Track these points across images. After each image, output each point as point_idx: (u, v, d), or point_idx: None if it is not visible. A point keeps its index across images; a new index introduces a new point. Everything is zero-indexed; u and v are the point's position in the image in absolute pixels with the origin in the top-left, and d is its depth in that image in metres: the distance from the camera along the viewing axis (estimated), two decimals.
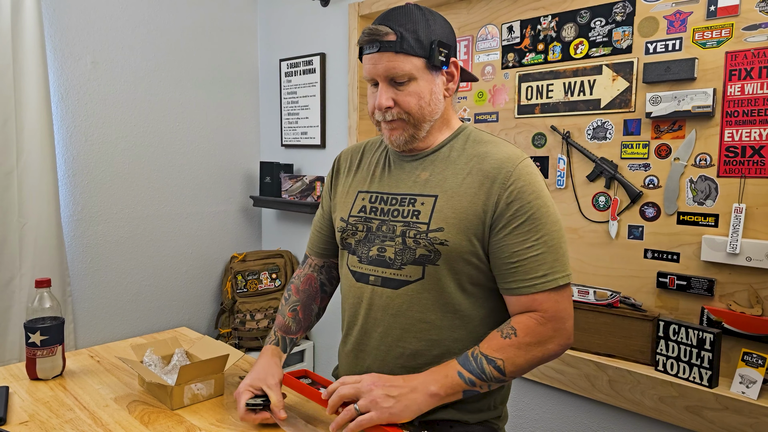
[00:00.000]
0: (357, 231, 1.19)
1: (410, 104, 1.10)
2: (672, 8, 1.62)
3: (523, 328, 1.06)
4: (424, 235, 1.09)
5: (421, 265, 1.10)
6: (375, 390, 1.00)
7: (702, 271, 1.60)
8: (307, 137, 2.74)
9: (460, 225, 1.08)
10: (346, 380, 1.03)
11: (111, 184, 2.49)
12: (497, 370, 1.04)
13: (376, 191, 1.21)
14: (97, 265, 2.48)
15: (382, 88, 1.10)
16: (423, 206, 1.12)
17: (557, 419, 1.91)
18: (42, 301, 1.30)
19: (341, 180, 1.31)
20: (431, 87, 1.11)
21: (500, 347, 1.05)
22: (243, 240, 3.02)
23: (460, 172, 1.12)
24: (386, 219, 1.15)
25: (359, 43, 1.12)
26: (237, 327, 2.67)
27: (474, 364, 1.04)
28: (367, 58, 1.10)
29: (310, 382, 1.16)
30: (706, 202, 1.59)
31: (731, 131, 1.53)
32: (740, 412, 1.46)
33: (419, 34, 1.08)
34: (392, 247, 1.13)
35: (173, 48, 2.65)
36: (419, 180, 1.15)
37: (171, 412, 1.17)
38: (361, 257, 1.17)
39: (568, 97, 1.84)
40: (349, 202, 1.24)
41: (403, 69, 1.07)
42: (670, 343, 1.59)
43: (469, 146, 1.15)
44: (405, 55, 1.07)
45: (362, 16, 2.38)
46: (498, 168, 1.09)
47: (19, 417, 1.13)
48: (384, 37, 1.07)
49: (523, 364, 1.05)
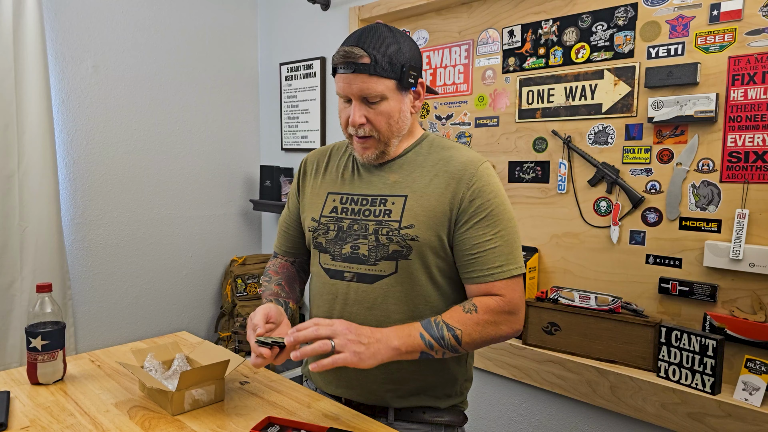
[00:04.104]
0: (328, 230, 1.26)
1: (381, 123, 1.18)
2: (674, 13, 1.62)
3: (483, 307, 1.15)
4: (397, 232, 1.18)
5: (394, 260, 1.19)
6: (349, 334, 1.05)
7: (704, 276, 1.60)
8: (307, 141, 2.74)
9: (429, 222, 1.17)
10: (321, 321, 1.07)
11: (111, 188, 2.49)
12: (455, 338, 1.12)
13: (346, 193, 1.28)
14: (98, 269, 2.47)
15: (355, 105, 1.17)
16: (394, 206, 1.21)
17: (558, 425, 1.90)
18: (43, 305, 1.30)
19: (309, 182, 1.37)
20: (400, 106, 1.19)
21: (461, 319, 1.13)
22: (243, 243, 3.02)
23: (427, 174, 1.21)
24: (357, 218, 1.23)
25: (334, 62, 1.18)
26: (237, 330, 2.67)
27: (435, 330, 1.11)
28: (342, 77, 1.16)
29: (279, 429, 1.11)
30: (708, 207, 1.59)
31: (734, 136, 1.53)
32: (743, 420, 1.45)
33: (391, 57, 1.15)
34: (365, 245, 1.21)
35: (174, 52, 2.65)
36: (388, 182, 1.24)
37: (172, 417, 1.16)
38: (334, 255, 1.25)
39: (570, 101, 1.84)
40: (319, 203, 1.31)
41: (375, 90, 1.14)
42: (672, 349, 1.58)
43: (434, 151, 1.25)
44: (378, 77, 1.14)
45: (362, 20, 2.38)
46: (462, 170, 1.19)
47: (20, 422, 1.13)
48: (359, 59, 1.13)
49: (477, 338, 1.14)
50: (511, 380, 1.99)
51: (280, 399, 1.26)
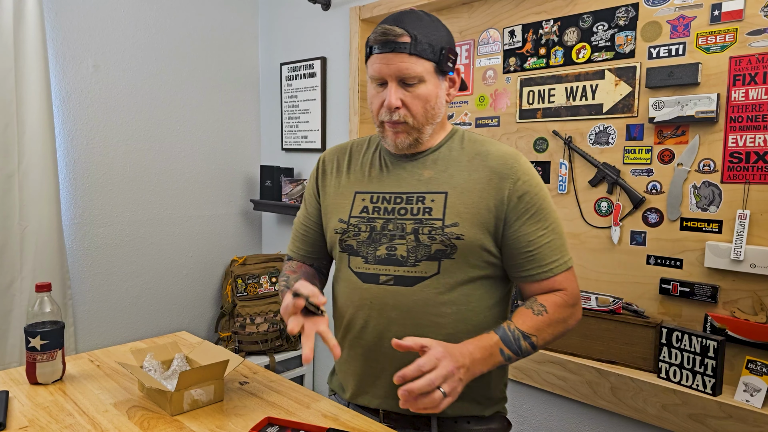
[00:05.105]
0: (360, 232, 1.19)
1: (417, 108, 1.12)
2: (675, 13, 1.62)
3: (551, 305, 1.12)
4: (440, 231, 1.12)
5: (436, 261, 1.12)
6: (456, 375, 0.98)
7: (705, 277, 1.60)
8: (307, 141, 2.73)
9: (474, 219, 1.12)
10: (424, 364, 0.96)
11: (112, 188, 2.49)
12: (531, 346, 1.09)
13: (376, 191, 1.21)
14: (98, 269, 2.47)
15: (391, 87, 1.11)
16: (434, 203, 1.14)
17: (559, 426, 1.89)
18: (42, 305, 1.30)
19: (330, 181, 1.30)
20: (437, 91, 1.14)
21: (534, 324, 1.09)
22: (243, 243, 3.01)
23: (465, 170, 1.16)
24: (392, 217, 1.16)
25: (371, 42, 1.12)
26: (237, 331, 2.66)
27: (513, 342, 1.07)
28: (379, 58, 1.10)
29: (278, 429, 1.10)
30: (709, 208, 1.58)
31: (735, 137, 1.53)
32: (744, 421, 1.44)
33: (431, 39, 1.10)
34: (403, 245, 1.14)
35: (174, 51, 2.65)
36: (423, 178, 1.18)
37: (170, 417, 1.16)
38: (367, 258, 1.17)
39: (570, 101, 1.84)
40: (346, 203, 1.23)
41: (414, 71, 1.09)
42: (673, 350, 1.58)
43: (467, 145, 1.20)
44: (417, 57, 1.09)
45: (363, 20, 2.38)
46: (503, 164, 1.14)
47: (19, 422, 1.12)
48: (398, 38, 1.08)
49: (549, 339, 1.12)
50: (511, 381, 1.99)
51: (280, 399, 1.26)
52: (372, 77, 1.14)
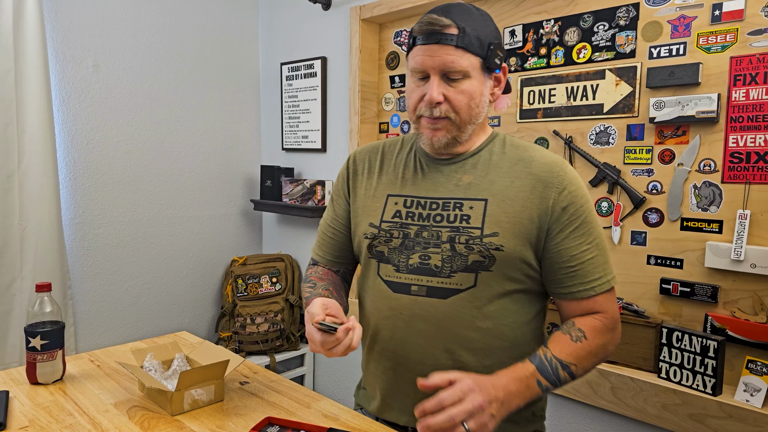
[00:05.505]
0: (391, 238, 1.12)
1: (461, 103, 1.05)
2: (676, 13, 1.62)
3: (591, 331, 1.05)
4: (479, 241, 1.05)
5: (473, 272, 1.06)
6: (486, 410, 0.92)
7: (706, 277, 1.59)
8: (308, 141, 2.73)
9: (515, 229, 1.05)
10: (446, 398, 0.91)
11: (112, 188, 2.49)
12: (570, 375, 1.03)
13: (410, 195, 1.14)
14: (98, 269, 2.47)
15: (434, 81, 1.04)
16: (472, 210, 1.08)
17: (560, 426, 1.89)
18: (42, 305, 1.30)
19: (361, 182, 1.22)
20: (482, 89, 1.08)
21: (573, 351, 1.03)
22: (244, 243, 3.01)
23: (506, 176, 1.09)
24: (427, 224, 1.10)
25: (414, 32, 1.06)
26: (237, 331, 2.66)
27: (551, 373, 1.01)
28: (423, 49, 1.04)
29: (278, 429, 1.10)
30: (710, 208, 1.58)
31: (736, 137, 1.52)
32: (744, 421, 1.44)
33: (479, 33, 1.04)
34: (438, 254, 1.07)
35: (174, 51, 2.65)
36: (461, 184, 1.11)
37: (171, 417, 1.16)
38: (398, 266, 1.11)
39: (571, 101, 1.84)
40: (378, 206, 1.17)
41: (460, 65, 1.03)
42: (674, 350, 1.57)
43: (508, 150, 1.13)
44: (464, 51, 1.02)
45: (364, 20, 2.37)
46: (548, 172, 1.07)
47: (19, 422, 1.12)
48: (445, 29, 1.02)
49: (589, 366, 1.06)
50: None
51: (280, 399, 1.26)
52: (413, 69, 1.07)
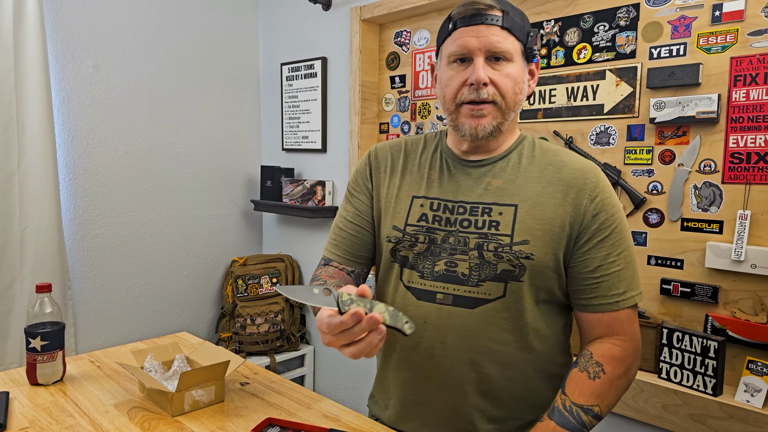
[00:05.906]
0: (416, 242, 1.07)
1: (507, 86, 1.01)
2: (676, 13, 1.62)
3: (609, 361, 1.00)
4: (508, 249, 1.01)
5: (502, 282, 1.01)
6: None
7: (706, 278, 1.59)
8: (308, 141, 2.73)
9: (546, 237, 1.01)
10: None
11: (112, 188, 2.49)
12: (595, 417, 0.97)
13: (436, 197, 1.09)
14: (98, 269, 2.47)
15: (478, 63, 1.00)
16: (501, 216, 1.03)
17: None
18: (42, 305, 1.29)
19: (383, 180, 1.16)
20: (523, 75, 1.05)
21: (593, 391, 0.97)
22: (244, 244, 3.01)
23: (537, 181, 1.05)
24: (454, 230, 1.05)
25: (454, 16, 1.02)
26: (237, 331, 2.66)
27: (572, 420, 0.95)
28: (466, 31, 1.00)
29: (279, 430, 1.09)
30: (710, 208, 1.58)
31: (736, 137, 1.52)
32: (745, 421, 1.44)
33: (521, 18, 1.03)
34: (465, 262, 1.03)
35: (175, 52, 2.65)
36: (491, 188, 1.06)
37: (171, 418, 1.16)
38: (423, 272, 1.06)
39: (571, 102, 1.84)
40: (403, 208, 1.11)
41: (505, 45, 1.00)
42: (674, 350, 1.57)
43: (538, 154, 1.09)
44: (508, 32, 1.00)
45: (364, 20, 2.37)
46: (581, 178, 1.04)
47: (20, 423, 1.12)
48: (489, 10, 1.00)
49: (613, 401, 1.00)
50: None
51: (281, 400, 1.26)
52: (453, 53, 1.02)
